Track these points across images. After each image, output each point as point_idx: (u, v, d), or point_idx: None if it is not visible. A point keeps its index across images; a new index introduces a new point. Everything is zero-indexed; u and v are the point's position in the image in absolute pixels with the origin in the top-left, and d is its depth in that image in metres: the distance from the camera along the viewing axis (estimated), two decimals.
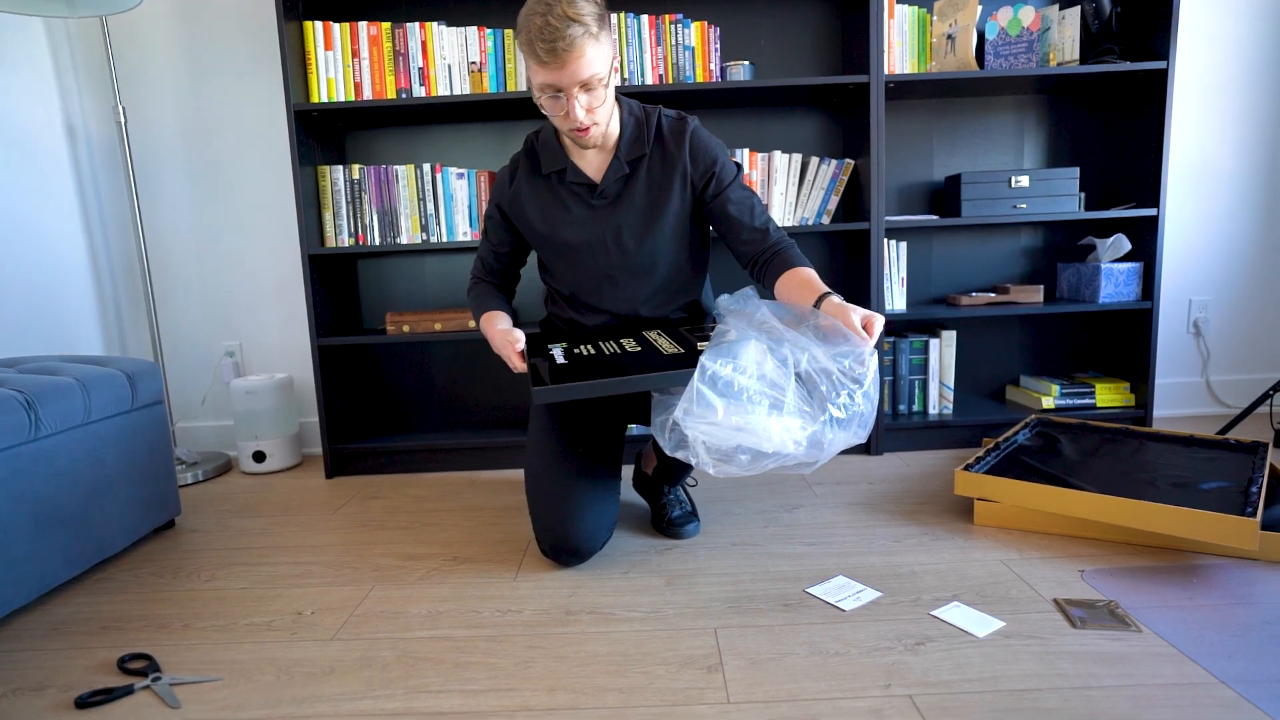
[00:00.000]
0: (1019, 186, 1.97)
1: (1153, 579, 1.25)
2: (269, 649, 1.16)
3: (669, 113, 1.41)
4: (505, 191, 1.44)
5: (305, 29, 1.93)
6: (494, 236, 1.49)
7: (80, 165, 2.15)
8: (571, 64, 1.16)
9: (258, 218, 2.24)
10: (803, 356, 1.11)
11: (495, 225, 1.48)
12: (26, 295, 1.96)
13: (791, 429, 1.08)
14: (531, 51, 1.17)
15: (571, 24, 1.14)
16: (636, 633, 1.15)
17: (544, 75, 1.18)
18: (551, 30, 1.13)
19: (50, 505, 1.35)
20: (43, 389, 1.34)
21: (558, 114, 1.24)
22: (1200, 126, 2.21)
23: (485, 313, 1.44)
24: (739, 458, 1.09)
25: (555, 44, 1.14)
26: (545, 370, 1.22)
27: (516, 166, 1.44)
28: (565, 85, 1.19)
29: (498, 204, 1.46)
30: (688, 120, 1.39)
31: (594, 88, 1.21)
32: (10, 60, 1.95)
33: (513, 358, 1.29)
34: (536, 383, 1.17)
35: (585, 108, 1.22)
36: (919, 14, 1.98)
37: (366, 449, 2.07)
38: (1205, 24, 2.16)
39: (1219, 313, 2.30)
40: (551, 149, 1.40)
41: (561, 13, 1.13)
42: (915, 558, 1.37)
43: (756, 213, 1.38)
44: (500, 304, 1.47)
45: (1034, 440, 1.78)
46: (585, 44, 1.16)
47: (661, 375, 1.15)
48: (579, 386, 1.15)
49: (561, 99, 1.21)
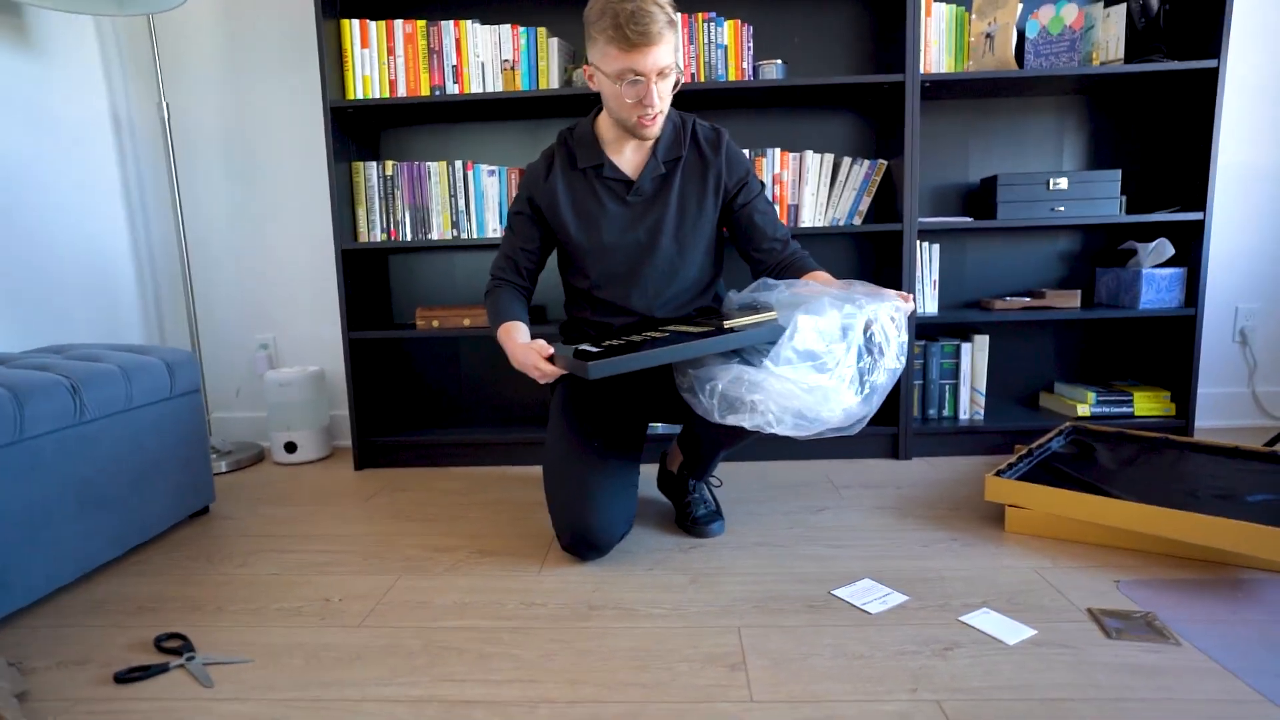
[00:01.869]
0: (1057, 189, 1.93)
1: (1193, 591, 1.21)
2: (298, 634, 1.18)
3: (704, 123, 1.48)
4: (539, 185, 1.45)
5: (343, 27, 1.96)
6: (522, 232, 1.49)
7: (125, 158, 2.21)
8: (658, 48, 1.24)
9: (293, 212, 2.29)
10: (878, 311, 1.19)
11: (524, 220, 1.48)
12: (73, 283, 2.02)
13: (845, 397, 1.16)
14: (620, 35, 1.22)
15: (660, 10, 1.23)
16: (660, 629, 1.15)
17: (628, 60, 1.24)
18: (646, 15, 1.21)
19: (93, 488, 1.39)
20: (88, 375, 1.39)
21: (631, 100, 1.29)
22: (1248, 128, 2.14)
23: (504, 323, 1.40)
24: (786, 419, 1.15)
25: (649, 28, 1.21)
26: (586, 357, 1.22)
27: (551, 160, 1.46)
28: (648, 70, 1.25)
29: (530, 197, 1.46)
30: (722, 132, 1.47)
31: (668, 76, 1.29)
32: (61, 56, 2.01)
33: (541, 364, 1.26)
34: (587, 358, 1.16)
35: (660, 94, 1.29)
36: (957, 12, 1.95)
37: (395, 442, 2.10)
38: (1258, 21, 2.09)
39: (1267, 321, 2.22)
40: (588, 144, 1.42)
41: (655, 4, 1.22)
42: (944, 563, 1.35)
43: (778, 224, 1.49)
44: (520, 312, 1.44)
45: (1068, 448, 1.74)
46: (669, 32, 1.25)
47: (740, 334, 1.17)
48: (633, 357, 1.16)
49: (640, 83, 1.27)
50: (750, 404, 1.14)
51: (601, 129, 1.43)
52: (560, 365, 1.26)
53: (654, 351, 1.16)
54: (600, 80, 1.32)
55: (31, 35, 1.92)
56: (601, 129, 1.43)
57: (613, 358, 1.15)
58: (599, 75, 1.31)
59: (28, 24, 1.91)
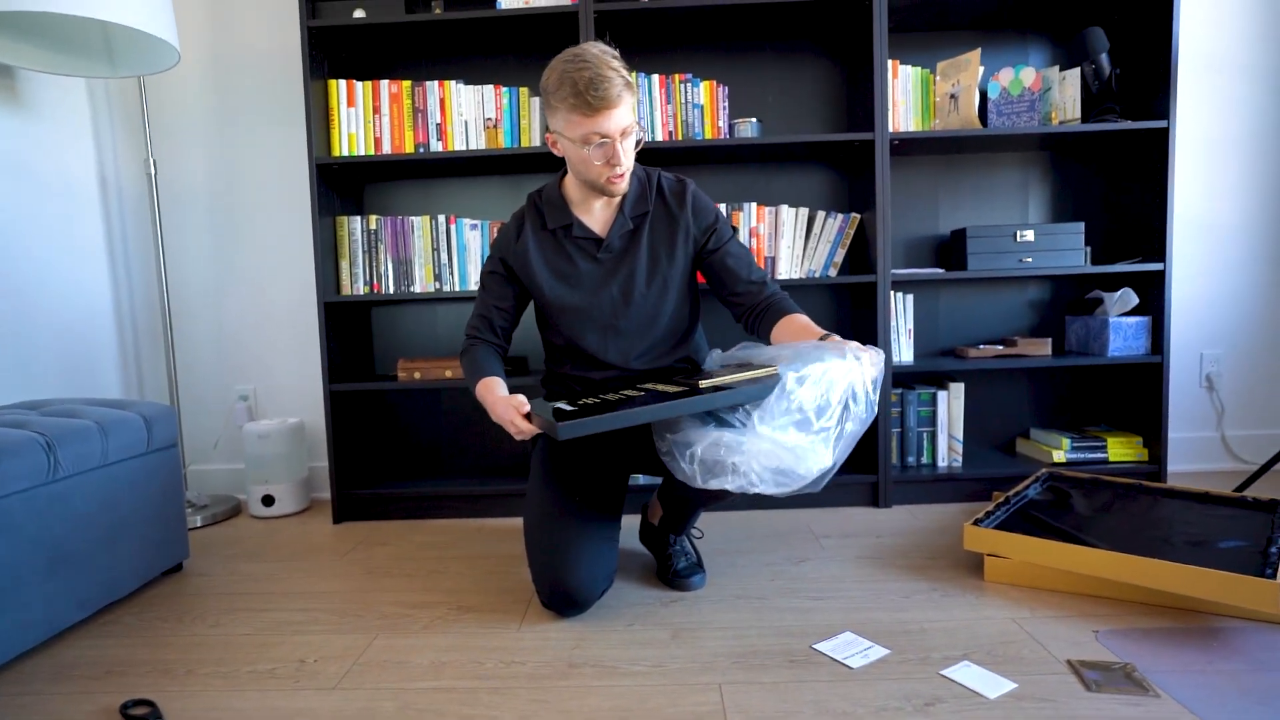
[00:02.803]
0: (1024, 240, 2.00)
1: (1170, 641, 1.22)
2: (271, 697, 1.15)
3: (668, 175, 1.51)
4: (511, 246, 1.48)
5: (330, 87, 2.01)
6: (495, 291, 1.50)
7: (110, 215, 2.23)
8: (618, 110, 1.29)
9: (276, 266, 2.30)
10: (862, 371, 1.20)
11: (497, 280, 1.50)
12: (53, 339, 2.01)
13: (821, 454, 1.17)
14: (582, 102, 1.26)
15: (616, 75, 1.28)
16: (640, 687, 1.14)
17: (592, 124, 1.28)
18: (604, 80, 1.26)
19: (64, 547, 1.36)
20: (63, 431, 1.37)
21: (600, 161, 1.32)
22: (1203, 183, 2.24)
23: (483, 378, 1.41)
24: (768, 478, 1.16)
25: (608, 92, 1.26)
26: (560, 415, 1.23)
27: (522, 222, 1.49)
28: (612, 132, 1.29)
29: (502, 258, 1.49)
30: (687, 182, 1.50)
31: (629, 135, 1.33)
32: (51, 115, 2.04)
33: (517, 420, 1.28)
34: (560, 418, 1.17)
35: (625, 152, 1.33)
36: (922, 74, 2.04)
37: (374, 495, 2.08)
38: (1204, 84, 2.21)
39: (1232, 367, 2.29)
40: (556, 205, 1.46)
41: (609, 66, 1.27)
42: (924, 614, 1.35)
43: (753, 267, 1.50)
44: (497, 368, 1.45)
45: (1045, 494, 1.76)
46: (627, 93, 1.30)
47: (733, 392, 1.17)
48: (606, 418, 1.16)
49: (607, 144, 1.31)
50: (731, 466, 1.15)
51: (569, 190, 1.47)
52: (536, 423, 1.27)
53: (627, 412, 1.16)
54: (565, 146, 1.35)
55: (22, 95, 1.96)
56: (569, 190, 1.47)
57: (584, 418, 1.16)
58: (564, 141, 1.35)
59: (19, 85, 1.95)
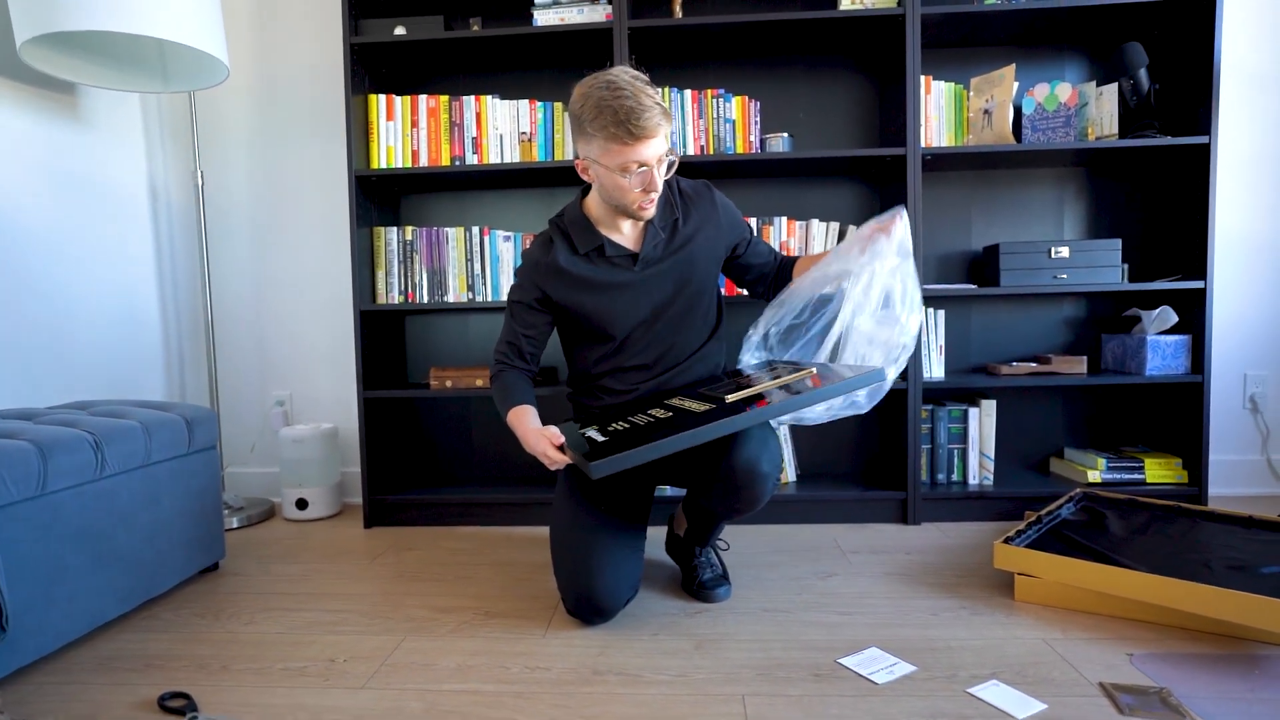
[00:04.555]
0: (1059, 257, 1.97)
1: (1209, 667, 1.19)
2: (301, 694, 1.18)
3: (684, 180, 1.54)
4: (542, 270, 1.47)
5: (370, 101, 2.07)
6: (522, 319, 1.50)
7: (159, 224, 2.32)
8: (657, 138, 1.31)
9: (314, 274, 2.37)
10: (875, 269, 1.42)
11: (525, 309, 1.49)
12: (102, 342, 2.09)
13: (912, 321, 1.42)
14: (623, 131, 1.28)
15: (655, 104, 1.29)
16: (664, 696, 1.14)
17: (631, 154, 1.30)
18: (644, 110, 1.28)
19: (108, 542, 1.41)
20: (110, 431, 1.43)
21: (638, 188, 1.34)
22: (1246, 200, 2.19)
23: (514, 407, 1.43)
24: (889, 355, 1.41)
25: (648, 122, 1.28)
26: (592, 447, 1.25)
27: (550, 244, 1.48)
28: (650, 159, 1.32)
29: (537, 284, 1.48)
30: (707, 185, 1.55)
31: (663, 160, 1.35)
32: (107, 129, 2.14)
33: (550, 452, 1.31)
34: (592, 458, 1.18)
35: (660, 178, 1.36)
36: (955, 90, 2.03)
37: (405, 500, 2.11)
38: (1246, 100, 2.16)
39: (1278, 388, 2.22)
40: (583, 227, 1.47)
41: (646, 94, 1.29)
42: (952, 632, 1.33)
43: (767, 252, 1.62)
44: (528, 394, 1.47)
45: (1078, 514, 1.72)
46: (664, 121, 1.32)
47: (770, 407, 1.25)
48: (638, 452, 1.17)
49: (646, 171, 1.33)
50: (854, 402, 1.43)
51: (592, 211, 1.47)
52: (569, 456, 1.29)
53: (661, 442, 1.18)
54: (599, 172, 1.36)
55: (81, 110, 2.05)
56: (592, 211, 1.47)
57: (616, 454, 1.17)
58: (597, 168, 1.36)
59: (79, 101, 2.04)
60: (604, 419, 1.44)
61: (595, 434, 1.33)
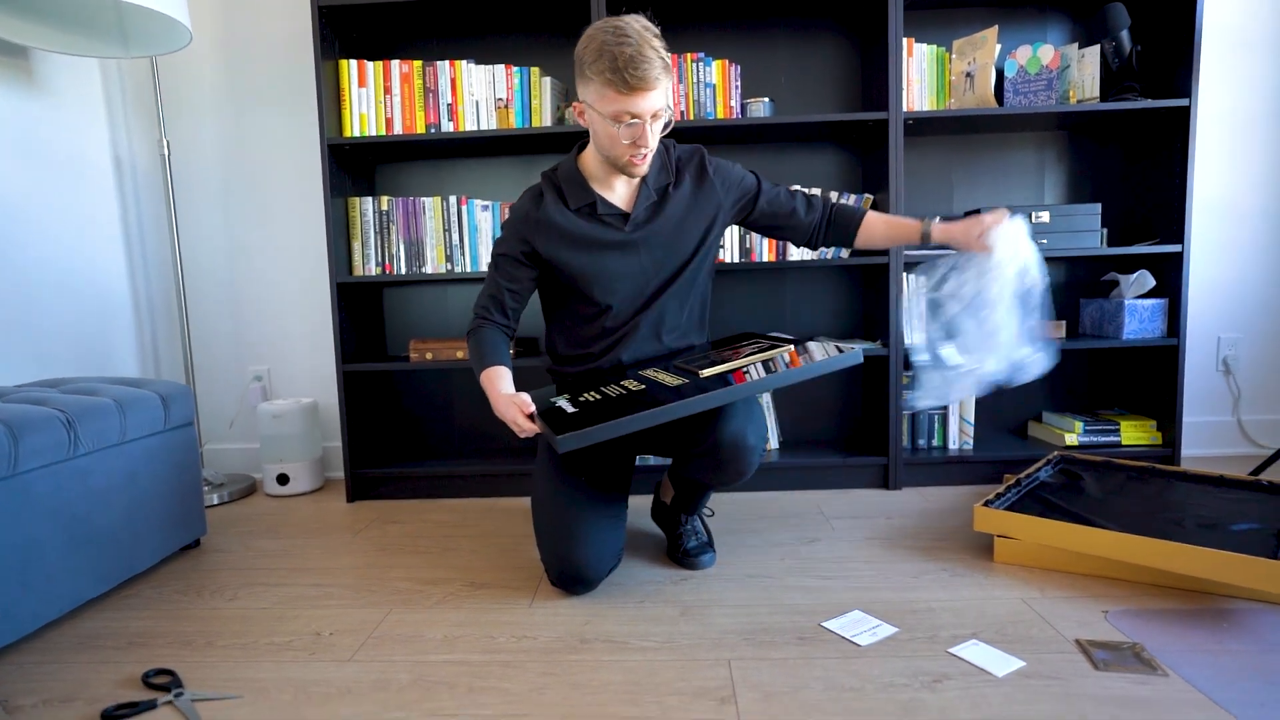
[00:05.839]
0: (1039, 222, 1.97)
1: (1180, 622, 1.22)
2: (288, 668, 1.17)
3: (681, 145, 1.51)
4: (531, 222, 1.44)
5: (340, 67, 2.01)
6: (510, 271, 1.46)
7: (125, 195, 2.25)
8: (654, 92, 1.27)
9: (289, 247, 2.32)
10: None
11: (511, 261, 1.46)
12: (70, 318, 2.04)
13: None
14: (619, 79, 1.24)
15: (657, 55, 1.26)
16: (650, 662, 1.15)
17: (625, 103, 1.27)
18: (644, 60, 1.24)
19: (84, 522, 1.39)
20: (82, 409, 1.40)
21: (626, 140, 1.31)
22: (1225, 163, 2.20)
23: (488, 368, 1.40)
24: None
25: (646, 73, 1.24)
26: (560, 420, 1.24)
27: (540, 197, 1.45)
28: (643, 113, 1.28)
29: (524, 237, 1.45)
30: (700, 150, 1.50)
31: (659, 118, 1.31)
32: (65, 96, 2.06)
33: (519, 419, 1.29)
34: (560, 431, 1.17)
35: (653, 135, 1.32)
36: (937, 52, 2.01)
37: (387, 474, 2.10)
38: (1228, 61, 2.16)
39: (1250, 350, 2.26)
40: (576, 183, 1.44)
41: (650, 46, 1.25)
42: (933, 594, 1.36)
43: (796, 198, 1.55)
44: (504, 355, 1.44)
45: (1056, 477, 1.75)
46: (664, 76, 1.28)
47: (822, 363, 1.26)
48: (608, 426, 1.17)
49: (637, 125, 1.29)
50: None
51: (587, 166, 1.44)
52: (539, 425, 1.28)
53: (632, 418, 1.16)
54: (593, 118, 1.33)
55: (37, 76, 1.97)
56: (587, 166, 1.44)
57: (585, 429, 1.16)
58: (591, 113, 1.33)
59: (34, 66, 1.96)
60: (576, 388, 1.43)
61: (566, 404, 1.32)
